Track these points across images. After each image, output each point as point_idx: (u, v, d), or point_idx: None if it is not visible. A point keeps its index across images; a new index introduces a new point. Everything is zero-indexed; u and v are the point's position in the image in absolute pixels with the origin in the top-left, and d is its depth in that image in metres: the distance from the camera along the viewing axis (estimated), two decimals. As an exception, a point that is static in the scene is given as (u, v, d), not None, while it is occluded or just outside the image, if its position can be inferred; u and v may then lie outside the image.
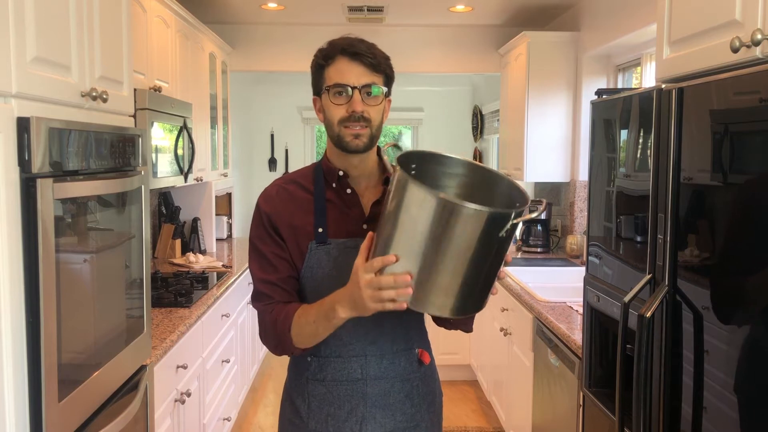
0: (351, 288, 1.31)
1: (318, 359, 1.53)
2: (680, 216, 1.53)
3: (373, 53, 1.46)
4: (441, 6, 4.41)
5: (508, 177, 1.42)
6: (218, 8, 4.48)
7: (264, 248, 1.51)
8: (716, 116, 1.40)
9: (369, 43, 1.48)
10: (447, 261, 1.23)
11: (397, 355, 1.54)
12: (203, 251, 4.45)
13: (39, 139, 1.45)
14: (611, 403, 1.95)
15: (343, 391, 1.52)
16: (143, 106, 2.82)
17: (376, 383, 1.52)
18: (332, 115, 1.46)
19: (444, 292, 1.26)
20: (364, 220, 1.51)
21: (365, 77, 1.44)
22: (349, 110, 1.44)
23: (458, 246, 1.21)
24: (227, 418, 3.47)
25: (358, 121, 1.44)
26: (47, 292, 1.48)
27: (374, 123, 1.46)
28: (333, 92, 1.45)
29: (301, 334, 1.43)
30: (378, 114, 1.47)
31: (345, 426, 1.53)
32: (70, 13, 1.69)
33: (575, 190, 4.22)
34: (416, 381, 1.57)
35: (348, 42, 1.46)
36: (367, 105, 1.45)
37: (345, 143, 1.46)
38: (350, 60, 1.45)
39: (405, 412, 1.56)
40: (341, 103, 1.45)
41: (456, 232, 1.20)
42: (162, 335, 2.43)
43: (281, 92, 6.84)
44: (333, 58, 1.47)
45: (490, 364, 4.03)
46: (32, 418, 1.47)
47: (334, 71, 1.46)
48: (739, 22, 1.37)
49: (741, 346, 1.31)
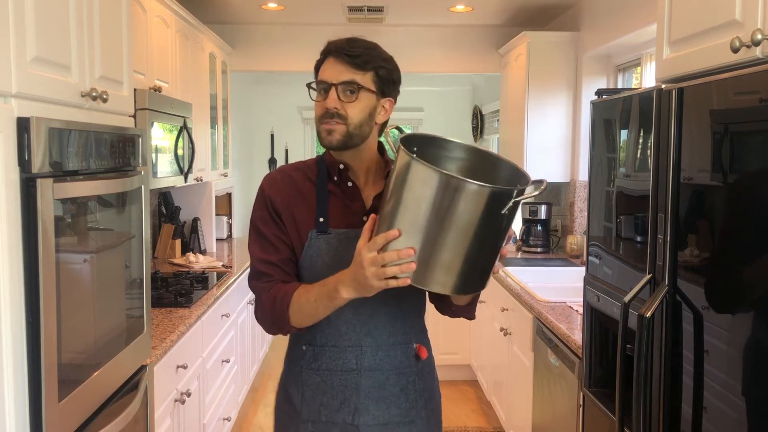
0: (354, 268, 1.32)
1: (313, 348, 1.54)
2: (680, 216, 1.53)
3: (357, 52, 1.46)
4: (441, 6, 4.41)
5: (509, 159, 1.43)
6: (218, 8, 4.48)
7: (266, 230, 1.53)
8: (716, 116, 1.40)
9: (362, 42, 1.49)
10: (449, 238, 1.24)
11: (393, 348, 1.54)
12: (203, 251, 4.45)
13: (39, 139, 1.45)
14: (611, 403, 1.95)
15: (337, 381, 1.52)
16: (143, 106, 2.82)
17: (370, 374, 1.52)
18: (316, 113, 1.50)
19: (446, 270, 1.27)
20: (364, 213, 1.52)
21: (345, 74, 1.45)
22: (324, 107, 1.46)
23: (461, 223, 1.23)
24: (227, 418, 3.47)
25: (333, 117, 1.46)
26: (47, 292, 1.48)
27: (352, 120, 1.46)
28: (317, 90, 1.49)
29: (301, 313, 1.44)
30: (359, 111, 1.47)
31: (338, 416, 1.52)
32: (70, 13, 1.69)
33: (575, 190, 4.22)
34: (412, 376, 1.57)
35: (338, 42, 1.49)
36: (344, 102, 1.45)
37: (321, 138, 1.50)
38: (334, 58, 1.47)
39: (400, 406, 1.55)
40: (320, 100, 1.48)
41: (459, 208, 1.22)
42: (162, 335, 2.43)
43: (281, 92, 6.84)
44: (325, 57, 1.50)
45: (490, 364, 4.03)
46: (32, 418, 1.47)
47: (322, 70, 1.50)
48: (739, 22, 1.37)
49: (741, 346, 1.31)
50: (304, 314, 1.44)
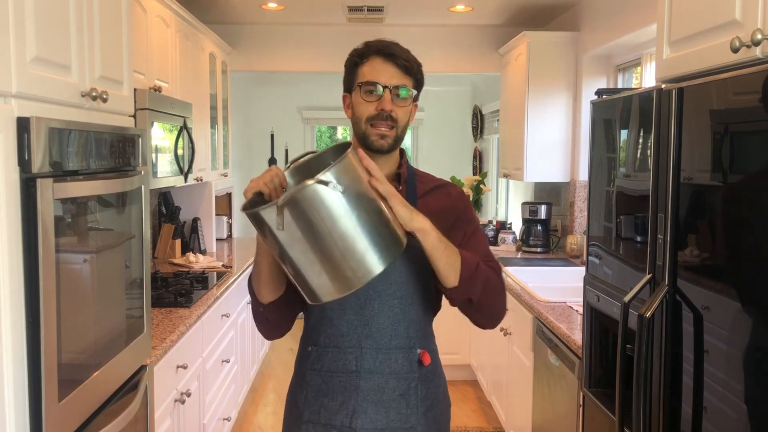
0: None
1: (317, 349, 1.55)
2: (680, 216, 1.53)
3: (407, 57, 1.50)
4: (441, 6, 4.41)
5: (340, 143, 1.44)
6: (218, 8, 4.48)
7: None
8: (716, 116, 1.40)
9: (404, 48, 1.52)
10: (308, 251, 1.25)
11: (394, 352, 1.52)
12: (203, 251, 4.45)
13: (39, 139, 1.45)
14: (611, 403, 1.95)
15: (337, 383, 1.52)
16: (143, 106, 2.82)
17: (369, 377, 1.51)
18: (361, 112, 1.49)
19: (318, 275, 1.27)
20: None
21: (397, 78, 1.47)
22: (378, 108, 1.46)
23: (302, 236, 1.23)
24: (227, 418, 3.47)
25: (386, 120, 1.47)
26: (47, 292, 1.48)
27: (400, 124, 1.50)
28: (364, 89, 1.48)
29: (254, 277, 1.49)
30: (405, 116, 1.51)
31: (336, 418, 1.52)
32: (70, 13, 1.69)
33: (575, 190, 4.22)
34: (414, 381, 1.54)
35: (384, 44, 1.50)
36: (396, 105, 1.47)
37: (370, 142, 1.48)
38: (384, 60, 1.48)
39: (399, 411, 1.53)
40: (371, 101, 1.48)
41: (290, 229, 1.22)
42: (162, 335, 2.43)
43: (281, 92, 6.84)
44: (368, 57, 1.50)
45: (490, 364, 4.03)
46: (32, 418, 1.47)
47: (368, 69, 1.49)
48: (739, 22, 1.37)
49: (741, 346, 1.31)
50: (254, 276, 1.49)
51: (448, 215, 1.54)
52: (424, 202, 1.55)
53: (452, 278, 1.41)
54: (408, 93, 1.49)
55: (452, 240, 1.47)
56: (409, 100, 1.50)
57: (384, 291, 1.50)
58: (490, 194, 6.34)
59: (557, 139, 4.28)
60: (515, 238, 4.62)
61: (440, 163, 6.78)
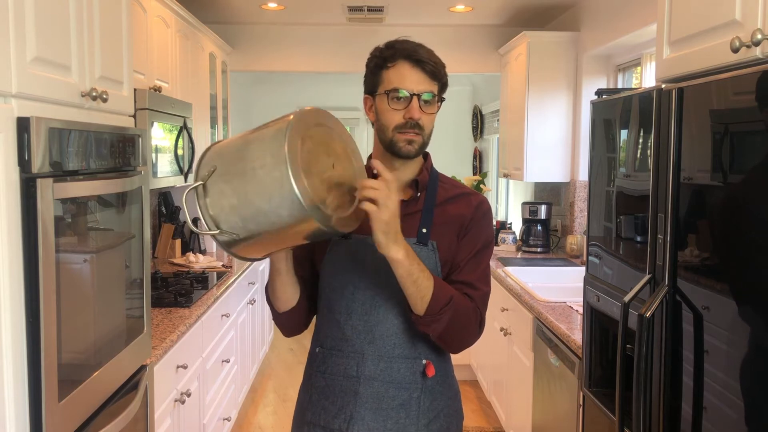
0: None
1: (323, 351, 1.55)
2: (680, 216, 1.53)
3: (434, 61, 1.46)
4: (441, 6, 4.41)
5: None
6: (218, 8, 4.49)
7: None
8: (716, 116, 1.40)
9: (429, 49, 1.48)
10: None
11: (397, 361, 1.50)
12: (203, 251, 4.45)
13: (39, 139, 1.45)
14: (611, 403, 1.95)
15: (338, 387, 1.52)
16: (143, 106, 2.82)
17: (369, 384, 1.49)
18: (387, 120, 1.46)
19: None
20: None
21: (424, 84, 1.45)
22: (407, 116, 1.44)
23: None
24: (227, 418, 3.47)
25: (413, 127, 1.45)
26: (47, 292, 1.48)
27: (426, 131, 1.47)
28: (392, 97, 1.45)
29: (268, 287, 1.55)
30: (431, 122, 1.48)
31: (334, 421, 1.51)
32: (70, 13, 1.69)
33: (575, 190, 4.22)
34: (416, 392, 1.51)
35: (411, 47, 1.46)
36: (423, 112, 1.45)
37: (398, 148, 1.47)
38: (412, 66, 1.44)
39: (398, 421, 1.50)
40: (399, 108, 1.45)
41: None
42: (162, 335, 2.43)
43: (281, 92, 6.84)
44: (394, 61, 1.46)
45: (490, 364, 4.03)
46: (32, 418, 1.47)
47: (395, 75, 1.45)
48: (739, 22, 1.37)
49: (741, 346, 1.31)
50: (269, 288, 1.53)
51: (462, 224, 1.52)
52: (443, 209, 1.53)
53: (418, 308, 1.41)
54: (435, 99, 1.47)
55: (460, 248, 1.48)
56: (435, 106, 1.48)
57: (390, 299, 1.48)
58: (490, 194, 6.34)
59: (557, 139, 4.28)
60: (515, 238, 4.62)
61: (440, 163, 6.67)
